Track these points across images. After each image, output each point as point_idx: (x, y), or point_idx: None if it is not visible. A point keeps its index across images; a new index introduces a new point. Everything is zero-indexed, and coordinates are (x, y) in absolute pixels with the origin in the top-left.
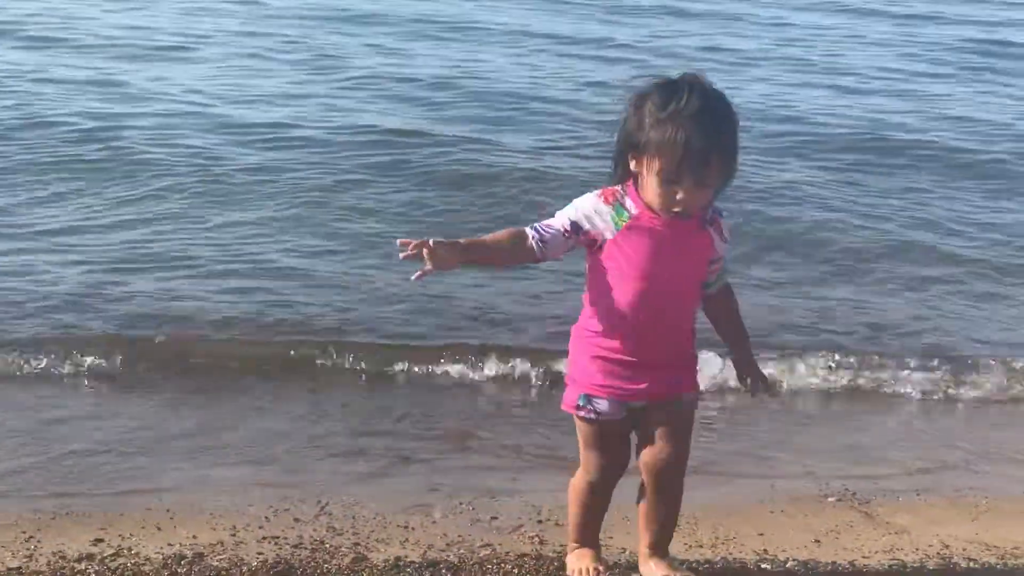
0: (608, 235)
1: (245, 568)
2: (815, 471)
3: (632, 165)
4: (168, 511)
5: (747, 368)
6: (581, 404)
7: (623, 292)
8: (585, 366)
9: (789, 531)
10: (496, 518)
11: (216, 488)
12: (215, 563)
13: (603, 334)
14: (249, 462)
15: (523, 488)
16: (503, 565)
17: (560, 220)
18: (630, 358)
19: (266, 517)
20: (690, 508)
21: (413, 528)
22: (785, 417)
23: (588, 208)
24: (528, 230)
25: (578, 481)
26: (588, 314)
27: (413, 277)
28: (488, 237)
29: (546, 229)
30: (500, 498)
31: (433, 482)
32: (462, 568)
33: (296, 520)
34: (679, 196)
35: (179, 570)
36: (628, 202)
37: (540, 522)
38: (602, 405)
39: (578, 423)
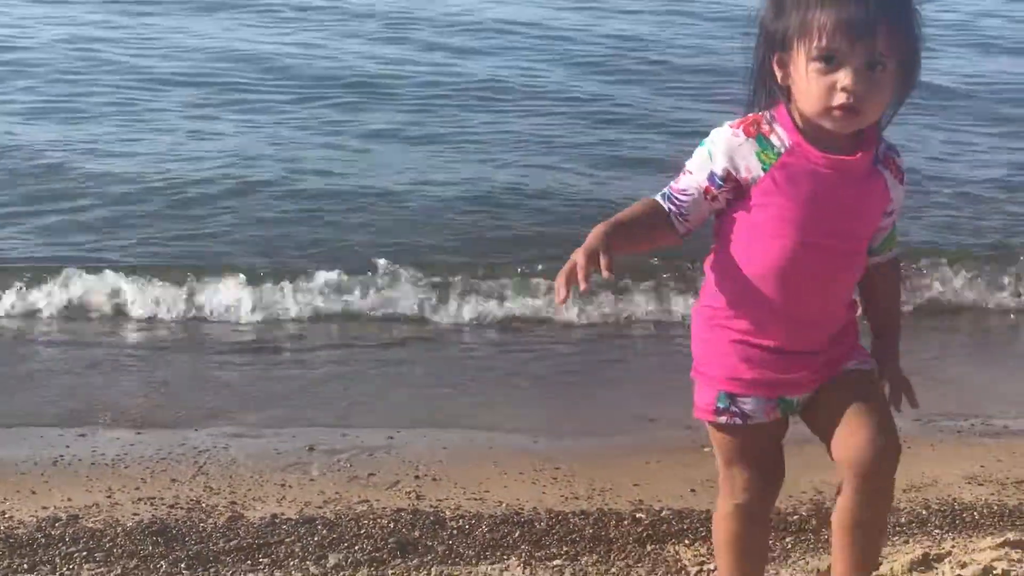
0: (751, 179)
1: (120, 529)
2: (693, 423)
3: (780, 77)
4: (43, 475)
5: (887, 369)
6: (722, 407)
7: (770, 256)
8: (722, 355)
9: (665, 481)
10: (374, 475)
11: (92, 450)
12: (90, 524)
13: (739, 315)
14: (126, 424)
15: (400, 444)
16: (379, 520)
17: (696, 176)
18: (776, 343)
19: (143, 478)
20: (567, 460)
21: (290, 486)
22: (665, 367)
23: (730, 144)
24: (662, 203)
25: (723, 514)
26: (716, 289)
27: (557, 302)
28: (626, 219)
29: (681, 196)
30: (378, 455)
31: (311, 441)
32: (338, 524)
33: (173, 480)
34: (842, 83)
35: (53, 532)
36: (778, 132)
37: (417, 478)
38: (749, 405)
39: (716, 434)
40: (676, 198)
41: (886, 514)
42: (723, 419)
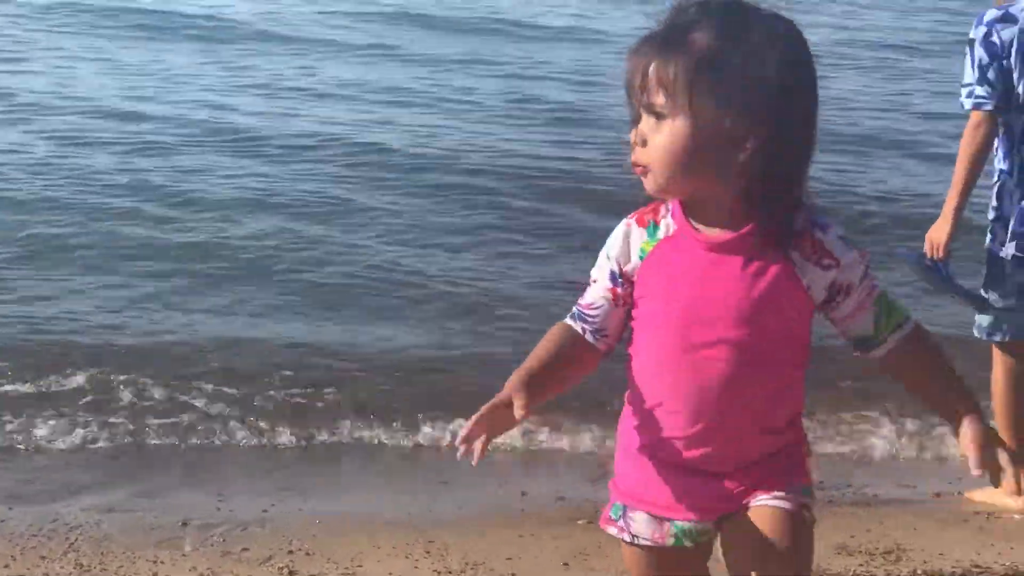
0: (631, 271)
1: None
2: (566, 494)
3: None
4: None
5: (982, 445)
6: (614, 517)
7: (653, 357)
8: (624, 464)
9: (539, 554)
10: (247, 549)
11: None
12: None
13: (642, 422)
14: None
15: (274, 517)
16: None
17: (600, 283)
18: (671, 456)
19: (12, 556)
20: (440, 533)
21: (163, 562)
22: (533, 439)
23: (622, 238)
24: (574, 324)
25: None
26: (629, 390)
27: (474, 462)
28: (539, 357)
29: (590, 311)
30: (251, 528)
31: (185, 515)
32: None
33: (43, 558)
34: (634, 145)
35: None
36: (669, 219)
37: (291, 552)
38: (638, 523)
39: (623, 550)
40: (586, 314)
41: None
42: (613, 530)
